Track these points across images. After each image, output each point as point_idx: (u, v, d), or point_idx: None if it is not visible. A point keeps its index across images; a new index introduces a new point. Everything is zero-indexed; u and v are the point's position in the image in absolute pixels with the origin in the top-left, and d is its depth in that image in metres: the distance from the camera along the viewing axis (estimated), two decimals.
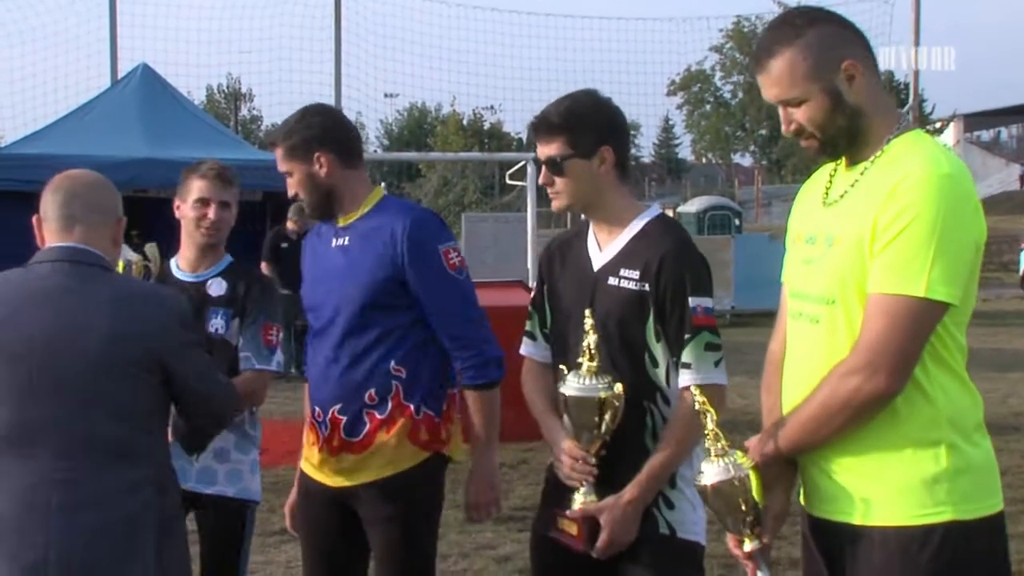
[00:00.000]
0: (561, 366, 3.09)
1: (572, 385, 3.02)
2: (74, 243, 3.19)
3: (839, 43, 2.64)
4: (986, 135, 66.04)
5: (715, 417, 2.70)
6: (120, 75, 16.87)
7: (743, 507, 2.66)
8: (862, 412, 2.54)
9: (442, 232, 3.80)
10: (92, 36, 18.28)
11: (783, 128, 2.72)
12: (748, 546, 2.70)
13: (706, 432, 2.69)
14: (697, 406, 2.74)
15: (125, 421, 3.10)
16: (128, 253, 3.85)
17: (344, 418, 3.73)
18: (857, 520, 2.60)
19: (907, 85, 26.92)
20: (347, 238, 3.80)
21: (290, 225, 14.08)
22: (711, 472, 2.66)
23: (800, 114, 2.67)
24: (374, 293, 3.69)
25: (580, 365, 3.02)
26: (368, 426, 3.72)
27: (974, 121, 60.43)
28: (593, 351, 3.02)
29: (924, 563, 2.53)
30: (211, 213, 4.25)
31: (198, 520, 4.24)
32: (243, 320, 4.21)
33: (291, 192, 3.86)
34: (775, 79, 2.67)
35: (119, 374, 3.08)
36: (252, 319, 4.21)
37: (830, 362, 2.60)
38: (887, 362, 2.50)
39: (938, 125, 54.11)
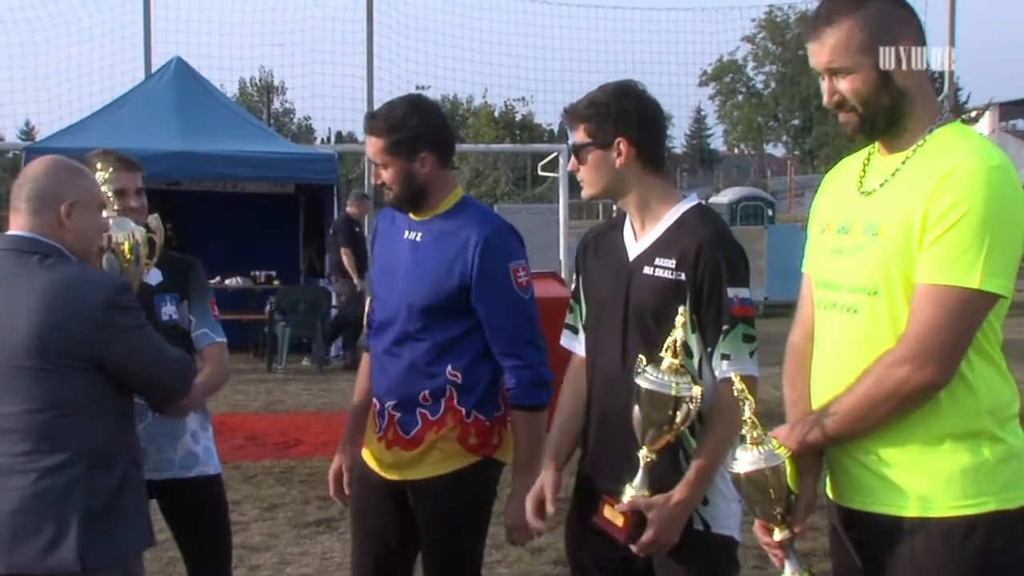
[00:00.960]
0: (641, 355, 3.01)
1: (650, 379, 2.94)
2: (19, 231, 3.26)
3: (896, 22, 2.62)
4: (1022, 124, 65.45)
5: (753, 405, 2.67)
6: (154, 68, 16.94)
7: (776, 496, 2.63)
8: (908, 403, 2.52)
9: (515, 248, 3.78)
10: (126, 30, 18.34)
11: (825, 98, 2.69)
12: (778, 535, 2.68)
13: (743, 419, 2.67)
14: (736, 393, 2.71)
15: (50, 409, 3.15)
16: (129, 224, 3.79)
17: (398, 414, 3.76)
18: (897, 511, 2.58)
19: (941, 73, 26.65)
20: (420, 234, 3.78)
21: (351, 210, 14.23)
22: (746, 460, 2.64)
23: (845, 85, 2.64)
24: (437, 297, 3.68)
25: (661, 360, 2.95)
26: (420, 425, 3.73)
27: (1010, 110, 59.78)
28: (678, 348, 2.94)
29: (969, 553, 2.51)
30: (133, 202, 4.07)
31: (174, 510, 4.23)
32: (190, 302, 4.19)
33: (378, 181, 3.81)
34: (829, 47, 2.64)
35: (41, 366, 3.13)
36: (199, 298, 4.21)
37: (870, 352, 2.58)
38: (937, 353, 2.49)
39: (973, 114, 53.72)
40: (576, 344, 3.45)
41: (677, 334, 2.95)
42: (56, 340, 3.13)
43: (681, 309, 2.99)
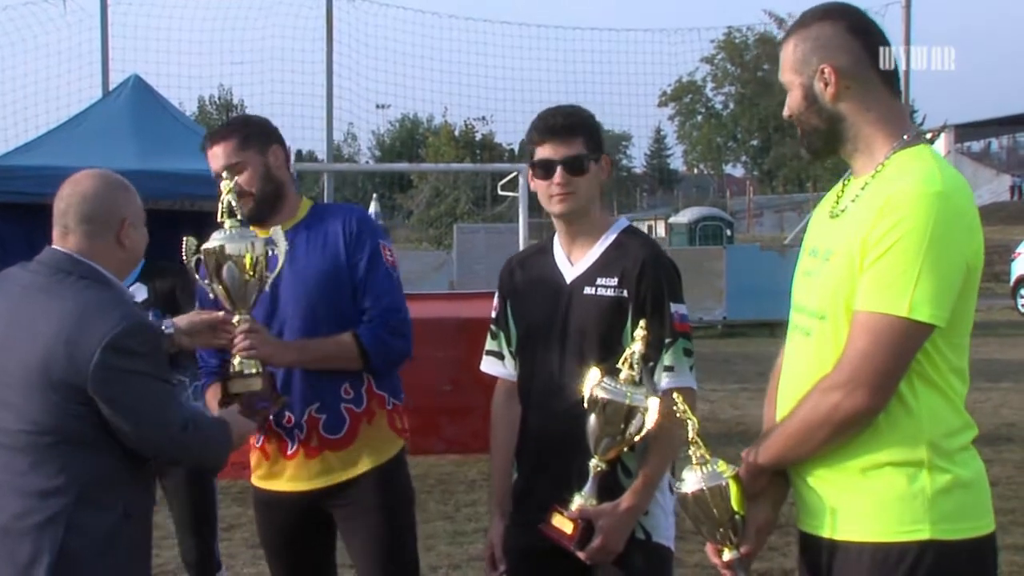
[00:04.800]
0: (595, 368, 3.04)
1: (607, 388, 2.98)
2: (64, 248, 3.20)
3: (831, 45, 2.64)
4: (976, 146, 66.23)
5: (696, 425, 2.71)
6: (111, 86, 16.84)
7: (720, 516, 2.66)
8: (842, 428, 2.53)
9: (380, 230, 3.84)
10: (83, 47, 18.18)
11: (784, 111, 2.77)
12: (727, 555, 2.71)
13: (688, 440, 2.70)
14: (678, 414, 2.74)
15: (46, 433, 3.05)
16: (249, 236, 3.57)
17: (323, 416, 3.71)
18: (835, 535, 2.60)
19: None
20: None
21: None
22: (692, 480, 2.68)
23: (788, 100, 2.73)
24: (329, 281, 3.68)
25: (619, 371, 2.99)
26: (348, 421, 3.71)
27: (965, 132, 60.61)
28: (635, 361, 2.99)
29: None
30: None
31: (164, 491, 4.87)
32: (178, 313, 4.14)
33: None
34: (780, 62, 2.74)
35: (44, 389, 3.04)
36: (191, 305, 4.23)
37: (817, 376, 2.60)
38: (868, 380, 2.49)
39: (928, 136, 54.26)
40: (501, 369, 3.49)
41: (636, 347, 3.00)
42: (59, 367, 3.03)
43: (642, 323, 3.04)
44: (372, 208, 23.10)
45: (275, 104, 20.95)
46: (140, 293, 4.72)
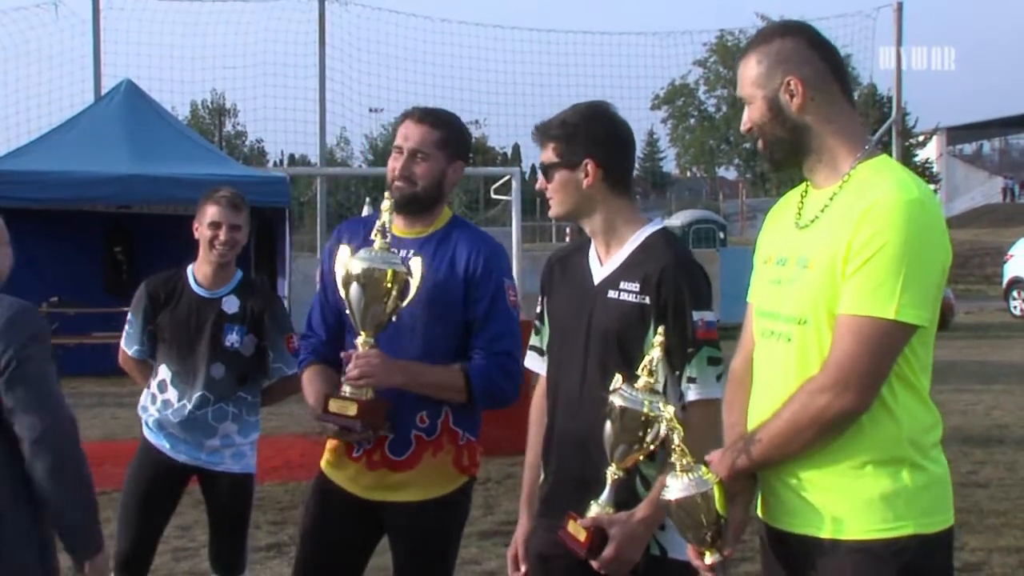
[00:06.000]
0: (618, 374, 2.99)
1: (624, 396, 2.93)
2: None
3: (794, 59, 2.72)
4: (968, 148, 66.42)
5: (683, 433, 2.71)
6: (104, 91, 16.85)
7: (706, 521, 2.69)
8: (831, 428, 2.60)
9: (509, 267, 3.81)
10: (76, 52, 18.22)
11: (741, 126, 2.84)
12: (709, 558, 2.74)
13: (673, 448, 2.71)
14: (667, 423, 2.74)
15: None
16: (393, 260, 3.52)
17: (391, 436, 3.67)
18: (820, 533, 2.65)
19: (890, 99, 26.97)
20: (412, 251, 3.69)
21: None
22: (676, 487, 2.69)
23: (747, 114, 2.80)
24: (433, 305, 3.63)
25: (637, 378, 2.94)
26: (414, 447, 3.67)
27: (957, 134, 60.76)
28: (654, 367, 2.95)
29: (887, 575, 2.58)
30: (222, 235, 4.76)
31: (205, 492, 5.01)
32: (262, 336, 4.83)
33: (402, 173, 3.69)
34: (739, 77, 2.81)
35: None
36: (277, 333, 4.84)
37: (800, 380, 2.65)
38: (856, 380, 2.56)
39: (921, 138, 54.48)
40: (541, 366, 3.45)
41: (654, 353, 2.95)
42: None
43: (660, 329, 2.99)
44: (365, 212, 23.15)
45: (268, 108, 20.98)
46: (232, 306, 4.82)
